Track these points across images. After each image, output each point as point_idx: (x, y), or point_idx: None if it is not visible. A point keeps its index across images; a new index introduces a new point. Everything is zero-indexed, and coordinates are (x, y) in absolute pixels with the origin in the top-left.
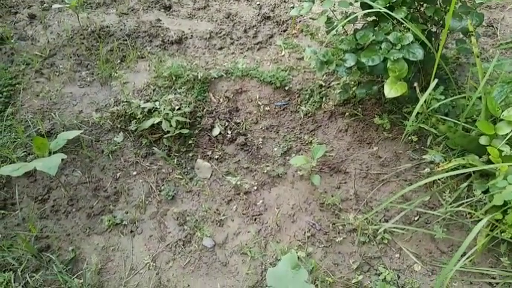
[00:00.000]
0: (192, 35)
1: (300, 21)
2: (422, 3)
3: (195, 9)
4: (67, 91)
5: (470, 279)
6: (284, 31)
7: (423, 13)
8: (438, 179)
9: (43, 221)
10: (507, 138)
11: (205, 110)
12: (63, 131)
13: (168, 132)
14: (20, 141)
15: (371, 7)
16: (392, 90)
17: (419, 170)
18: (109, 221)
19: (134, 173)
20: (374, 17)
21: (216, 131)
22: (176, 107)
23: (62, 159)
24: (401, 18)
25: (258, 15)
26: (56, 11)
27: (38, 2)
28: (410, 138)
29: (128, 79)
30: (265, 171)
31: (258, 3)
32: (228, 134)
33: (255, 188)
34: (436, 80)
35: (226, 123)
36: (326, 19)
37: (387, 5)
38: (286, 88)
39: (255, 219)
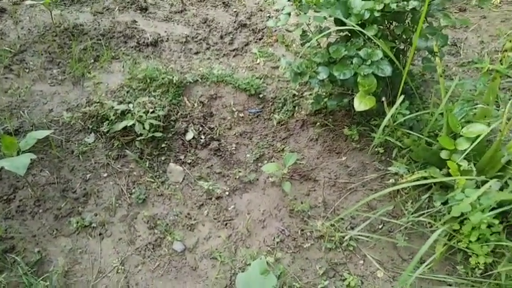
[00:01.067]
0: (167, 38)
1: (275, 30)
2: (391, 21)
3: (171, 13)
4: (37, 89)
5: (428, 286)
6: (260, 39)
7: (393, 31)
8: (402, 190)
9: (8, 221)
10: (465, 153)
11: (179, 114)
12: (32, 129)
13: (141, 135)
14: None
15: (344, 23)
16: (361, 103)
17: (385, 181)
18: (77, 223)
19: (105, 174)
20: (346, 32)
21: (189, 135)
22: (150, 110)
23: (31, 159)
24: (372, 36)
25: (235, 22)
26: (28, 6)
27: None
28: (376, 149)
29: (102, 79)
30: (237, 177)
31: (234, 10)
32: (201, 138)
33: (227, 193)
34: (403, 96)
35: (200, 128)
36: (301, 32)
37: (359, 22)
38: (261, 96)
39: (226, 224)
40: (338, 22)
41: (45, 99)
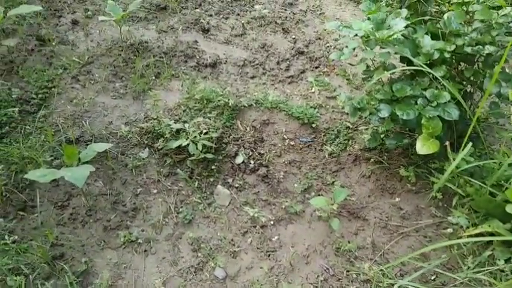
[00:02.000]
0: (226, 61)
1: (333, 60)
2: (460, 63)
3: (231, 36)
4: (100, 100)
5: None
6: (316, 68)
7: (461, 73)
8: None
9: (60, 228)
10: None
11: (231, 136)
12: (91, 139)
13: (193, 155)
14: (49, 145)
15: (410, 61)
16: (424, 146)
17: (441, 229)
18: (124, 237)
19: (155, 191)
20: (411, 70)
21: (239, 159)
22: (204, 131)
23: (90, 172)
24: (440, 76)
25: (293, 49)
26: (99, 20)
27: (82, 9)
28: (434, 194)
29: (161, 97)
30: (283, 207)
31: (293, 37)
32: (250, 163)
33: (272, 222)
34: (470, 144)
35: (250, 153)
36: (364, 67)
37: (428, 61)
38: (313, 125)
39: (269, 255)
40: (405, 60)
41: (107, 111)
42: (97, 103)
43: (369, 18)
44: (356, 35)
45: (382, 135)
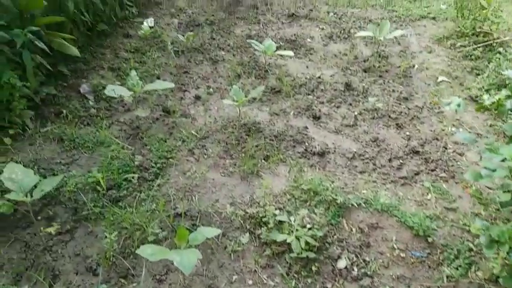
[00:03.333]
0: (334, 151)
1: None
2: None
3: (342, 125)
4: (210, 176)
5: None
6: (432, 171)
7: None
8: None
9: None
10: None
11: (335, 236)
12: (197, 216)
13: (294, 251)
14: (158, 215)
15: None
16: None
17: None
18: None
19: (250, 282)
20: None
21: (341, 263)
22: (308, 226)
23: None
24: None
25: (406, 146)
26: (218, 97)
27: (205, 86)
28: None
29: (267, 180)
30: None
31: (407, 133)
32: (353, 270)
33: None
34: None
35: (354, 258)
36: (509, 197)
37: None
38: (429, 239)
39: None
40: None
41: (215, 188)
42: (207, 179)
43: None
44: (504, 159)
45: None
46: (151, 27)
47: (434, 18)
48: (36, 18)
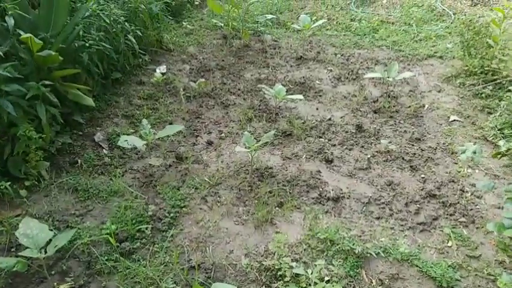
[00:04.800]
0: (349, 196)
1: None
2: None
3: (355, 169)
4: (223, 225)
5: None
6: (451, 215)
7: None
8: None
9: None
10: None
11: None
12: (212, 268)
13: None
14: (172, 268)
15: None
16: None
17: None
18: None
19: None
20: None
21: None
22: (326, 278)
23: None
24: None
25: (422, 189)
26: (230, 142)
27: (217, 130)
28: None
29: (282, 229)
30: None
31: (422, 176)
32: None
33: None
34: None
35: None
36: None
37: None
38: None
39: None
40: None
41: (229, 238)
42: (220, 228)
43: None
44: None
45: None
46: (163, 74)
47: (441, 57)
48: (53, 72)
